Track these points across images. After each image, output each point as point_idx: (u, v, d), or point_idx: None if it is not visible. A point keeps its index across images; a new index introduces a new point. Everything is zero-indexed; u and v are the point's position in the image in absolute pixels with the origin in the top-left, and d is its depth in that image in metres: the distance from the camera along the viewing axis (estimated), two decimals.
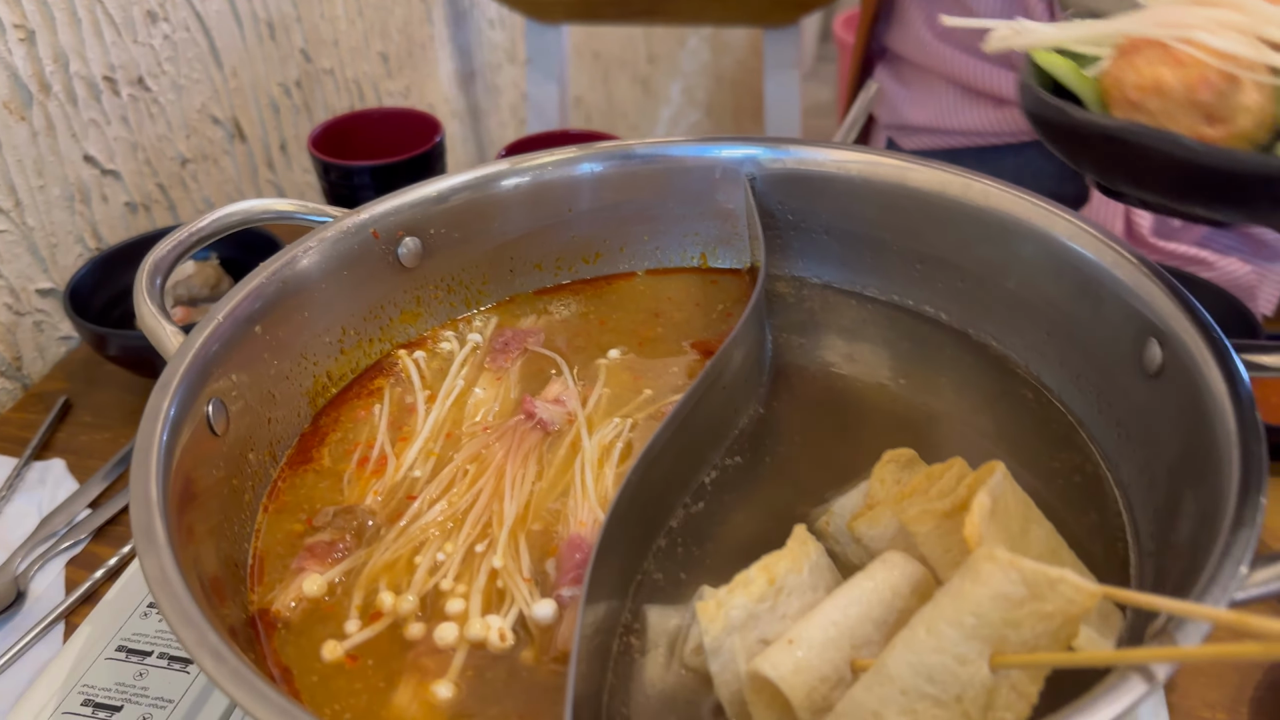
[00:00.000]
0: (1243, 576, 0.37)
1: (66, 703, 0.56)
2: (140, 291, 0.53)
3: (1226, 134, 0.36)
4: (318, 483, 0.55)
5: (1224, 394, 0.45)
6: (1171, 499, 0.47)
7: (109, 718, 0.55)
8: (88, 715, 0.55)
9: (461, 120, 1.71)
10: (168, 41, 1.10)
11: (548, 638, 0.46)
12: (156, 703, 0.56)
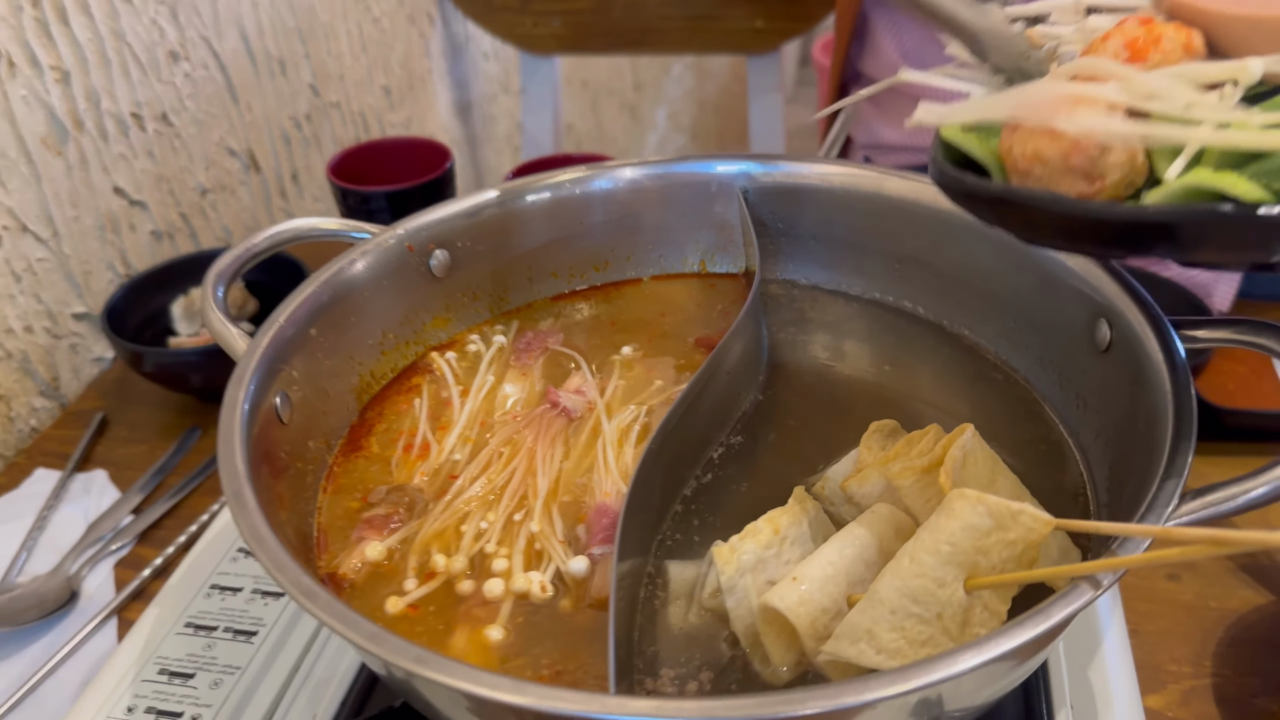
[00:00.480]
0: (1173, 507, 0.44)
1: (144, 671, 0.62)
2: (208, 300, 0.60)
3: (1101, 188, 0.43)
4: (368, 467, 0.62)
5: (1161, 363, 0.52)
6: (1121, 457, 0.55)
7: (184, 683, 0.61)
8: (164, 681, 0.62)
9: (459, 148, 1.79)
10: (188, 79, 1.17)
11: (582, 588, 0.53)
12: (225, 670, 0.62)
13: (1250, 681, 0.66)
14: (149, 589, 0.79)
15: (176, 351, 0.97)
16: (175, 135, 1.16)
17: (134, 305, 1.01)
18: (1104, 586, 0.40)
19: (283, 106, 1.34)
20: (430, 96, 1.67)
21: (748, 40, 1.57)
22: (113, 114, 1.07)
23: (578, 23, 1.59)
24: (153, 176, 1.14)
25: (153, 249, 1.15)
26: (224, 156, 1.24)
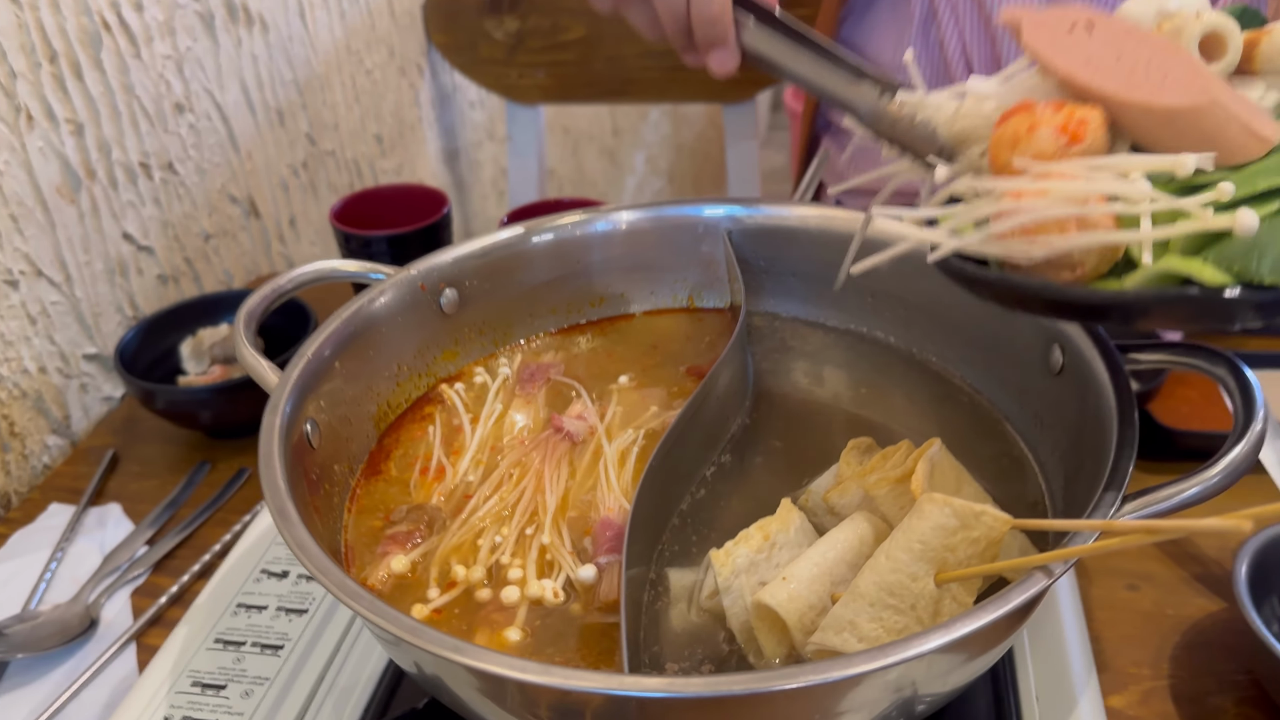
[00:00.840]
0: (1116, 508, 0.50)
1: (179, 684, 0.67)
2: (239, 336, 0.65)
3: (1083, 274, 0.49)
4: (388, 489, 0.67)
5: (1108, 383, 0.58)
6: (1074, 468, 0.61)
7: (216, 694, 0.66)
8: (197, 693, 0.66)
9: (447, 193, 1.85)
10: (192, 130, 1.22)
11: (591, 594, 0.58)
12: (255, 681, 0.66)
13: (1205, 681, 0.71)
14: (166, 614, 0.83)
15: (187, 389, 1.01)
16: (180, 183, 1.21)
17: (144, 346, 1.06)
18: (1055, 575, 0.46)
19: (281, 155, 1.39)
20: (420, 144, 1.73)
21: (724, 90, 1.64)
22: (122, 163, 1.13)
23: (561, 74, 1.66)
24: (159, 223, 1.19)
25: (159, 292, 1.20)
26: (226, 203, 1.30)
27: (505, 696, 0.48)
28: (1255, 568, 0.69)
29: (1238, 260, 0.45)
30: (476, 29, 1.65)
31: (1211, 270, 0.45)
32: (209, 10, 1.23)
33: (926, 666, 0.46)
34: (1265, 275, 0.44)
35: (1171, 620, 0.76)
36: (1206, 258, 0.46)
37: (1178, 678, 0.71)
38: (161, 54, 1.16)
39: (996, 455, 0.68)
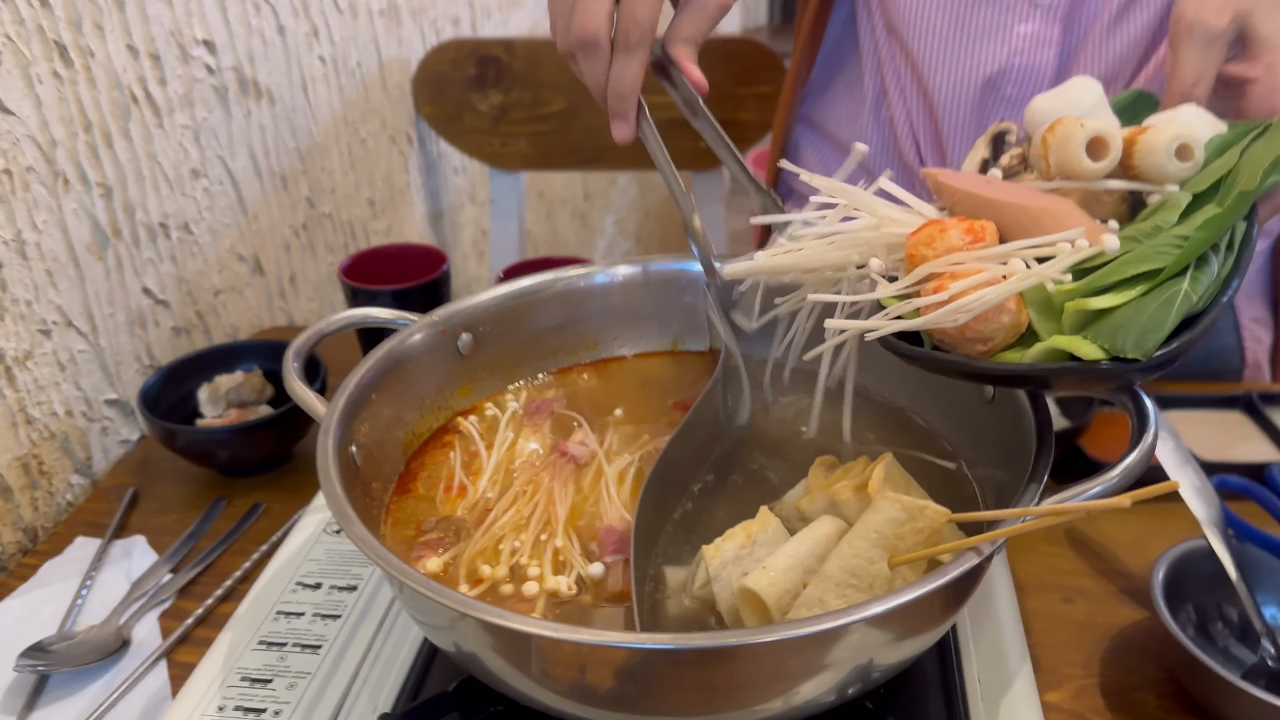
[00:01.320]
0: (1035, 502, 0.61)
1: (229, 679, 0.75)
2: (289, 369, 0.75)
3: (993, 347, 0.62)
4: (418, 505, 0.77)
5: (1029, 408, 0.70)
6: (1004, 480, 0.72)
7: (264, 687, 0.74)
8: (246, 686, 0.75)
9: None
10: (206, 193, 1.33)
11: (600, 587, 0.69)
12: (298, 675, 0.75)
13: (1130, 679, 0.81)
14: (193, 634, 0.90)
15: (207, 429, 1.11)
16: (194, 242, 1.31)
17: (164, 390, 1.14)
18: (984, 554, 0.57)
19: (284, 217, 1.50)
20: (408, 207, 1.85)
21: (693, 158, 1.77)
22: (145, 224, 1.22)
23: (542, 143, 1.79)
24: (174, 279, 1.28)
25: (173, 343, 1.29)
26: (234, 261, 1.40)
27: (531, 664, 0.58)
28: (1170, 580, 0.80)
29: (1107, 337, 0.58)
30: (463, 101, 1.77)
31: (1090, 346, 0.58)
32: (224, 84, 1.34)
33: (879, 632, 0.56)
34: (1129, 350, 0.58)
35: (1101, 627, 0.86)
36: (1086, 335, 0.59)
37: (1106, 676, 0.81)
38: (181, 124, 1.26)
39: (941, 472, 0.79)
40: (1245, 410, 1.13)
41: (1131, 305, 0.59)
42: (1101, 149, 0.66)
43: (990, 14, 1.05)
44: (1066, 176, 0.67)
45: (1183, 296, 0.59)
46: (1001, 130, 0.78)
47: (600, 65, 0.78)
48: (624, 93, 0.78)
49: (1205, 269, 0.61)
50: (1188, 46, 0.74)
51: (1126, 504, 0.52)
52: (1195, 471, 0.86)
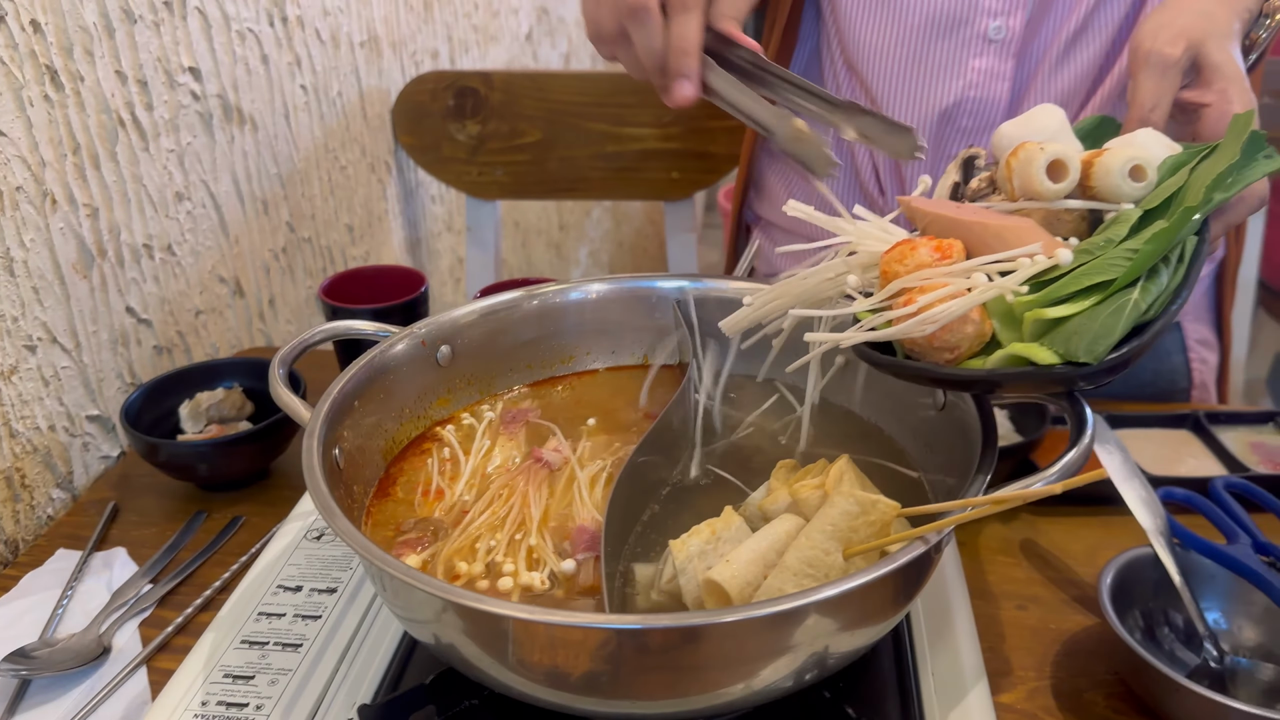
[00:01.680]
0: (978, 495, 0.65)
1: (212, 675, 0.78)
2: (274, 377, 0.78)
3: (959, 355, 0.67)
4: (396, 508, 0.81)
5: (975, 416, 0.75)
6: (954, 485, 0.76)
7: (246, 683, 0.77)
8: (229, 682, 0.77)
9: None
10: (189, 216, 1.36)
11: (571, 582, 0.72)
12: (280, 672, 0.78)
13: (1080, 681, 0.85)
14: (173, 642, 0.92)
15: (188, 443, 1.13)
16: (177, 263, 1.34)
17: (146, 406, 1.17)
18: (930, 543, 0.61)
19: (264, 241, 1.53)
20: (386, 233, 1.88)
21: (665, 189, 1.82)
22: (129, 244, 1.25)
23: (518, 172, 1.83)
24: (157, 299, 1.31)
25: (154, 361, 1.31)
26: (215, 283, 1.43)
27: (508, 650, 0.61)
28: (1117, 586, 0.84)
29: (1062, 344, 0.62)
30: (441, 132, 1.82)
31: (1046, 352, 0.63)
32: (208, 110, 1.37)
33: (833, 617, 0.60)
34: (1081, 355, 0.62)
35: (1053, 633, 0.90)
36: (1043, 342, 0.63)
37: (1058, 679, 0.85)
38: (166, 148, 1.30)
39: (895, 475, 0.84)
40: (1192, 429, 1.18)
41: (1085, 314, 0.64)
42: (1061, 171, 0.71)
43: (945, 50, 1.11)
44: (1029, 197, 0.72)
45: (1132, 305, 0.64)
46: (971, 155, 0.83)
47: (654, 31, 0.81)
48: (688, 48, 0.80)
49: (1156, 280, 0.66)
50: (1145, 74, 0.79)
51: (1059, 490, 0.56)
52: (1142, 483, 0.91)
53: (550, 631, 0.58)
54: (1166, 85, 0.79)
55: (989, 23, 1.08)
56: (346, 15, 1.68)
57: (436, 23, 2.00)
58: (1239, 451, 1.13)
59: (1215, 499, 0.93)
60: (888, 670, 0.79)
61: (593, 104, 1.78)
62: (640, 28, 0.81)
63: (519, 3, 2.40)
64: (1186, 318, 1.29)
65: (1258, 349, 2.61)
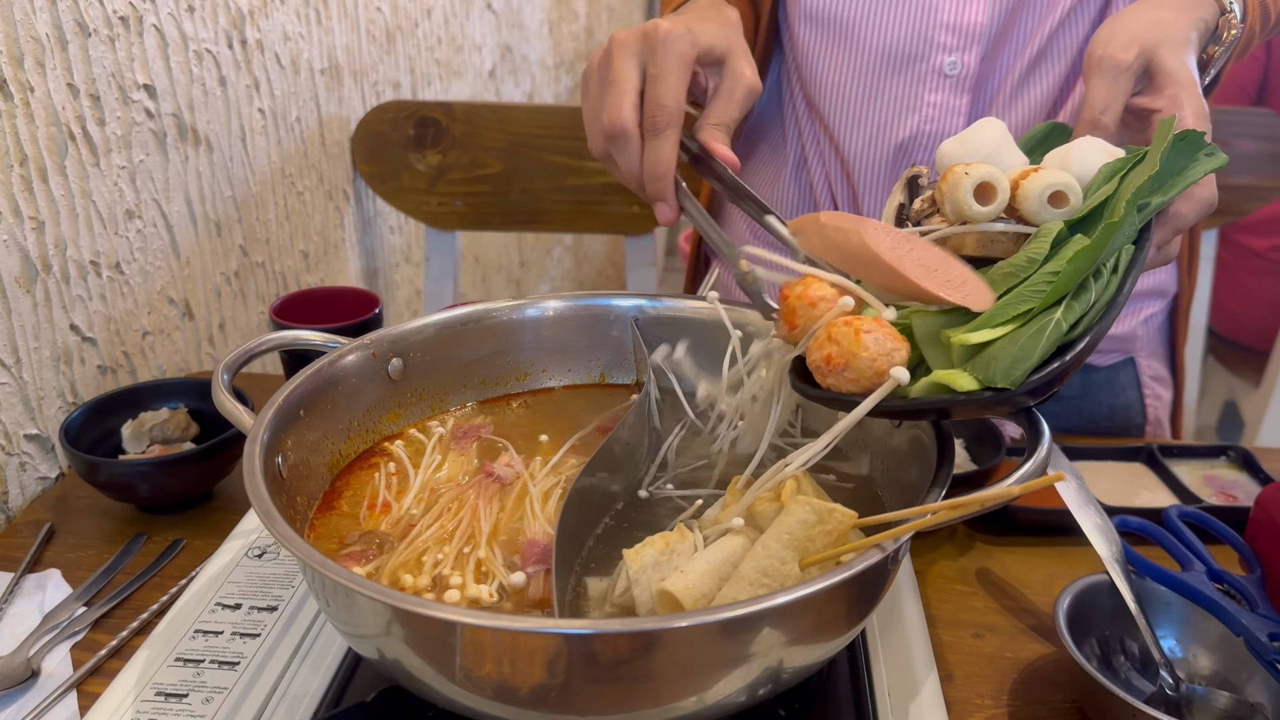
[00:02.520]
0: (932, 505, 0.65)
1: (144, 694, 0.74)
2: (218, 384, 0.76)
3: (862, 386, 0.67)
4: (341, 521, 0.78)
5: (931, 434, 0.74)
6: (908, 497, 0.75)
7: (179, 701, 0.73)
8: (161, 700, 0.74)
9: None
10: (140, 234, 1.33)
11: (521, 595, 0.70)
12: (215, 690, 0.74)
13: (1037, 709, 0.84)
14: (105, 666, 0.89)
15: (129, 461, 1.10)
16: (125, 282, 1.31)
17: (87, 425, 1.13)
18: (887, 550, 0.60)
19: (216, 264, 1.50)
20: (342, 262, 1.86)
21: (625, 223, 1.83)
22: (75, 260, 1.22)
23: (479, 203, 1.83)
24: (103, 317, 1.28)
25: (98, 381, 1.28)
26: (164, 304, 1.40)
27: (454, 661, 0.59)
28: (1074, 614, 0.84)
29: (982, 369, 0.63)
30: (400, 161, 1.81)
31: (966, 378, 0.63)
32: (162, 129, 1.35)
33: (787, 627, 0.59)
34: (999, 380, 0.63)
35: (1010, 661, 0.89)
36: (966, 368, 0.63)
37: (1015, 706, 0.84)
38: (118, 165, 1.28)
39: (854, 491, 0.83)
40: (1146, 462, 1.19)
41: (1006, 338, 0.64)
42: (989, 193, 0.71)
43: (901, 85, 1.12)
44: (961, 220, 0.73)
45: (1054, 326, 0.64)
46: (914, 175, 0.83)
47: (633, 154, 0.82)
48: (659, 174, 0.82)
49: (1083, 296, 0.66)
50: (1098, 78, 0.81)
51: (1016, 492, 0.56)
52: (1097, 511, 0.91)
53: (498, 638, 0.56)
54: (1119, 89, 0.80)
55: (944, 58, 1.09)
56: (308, 42, 1.67)
57: (399, 54, 2.00)
58: (1193, 484, 1.14)
59: (1170, 528, 0.93)
60: (844, 694, 0.77)
61: (554, 137, 1.78)
62: (620, 151, 0.83)
63: (483, 40, 2.41)
64: (1141, 354, 1.30)
65: (1209, 396, 2.65)
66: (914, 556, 1.00)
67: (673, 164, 0.82)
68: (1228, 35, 0.89)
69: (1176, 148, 0.72)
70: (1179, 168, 0.73)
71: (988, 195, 0.71)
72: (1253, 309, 2.36)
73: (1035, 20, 1.08)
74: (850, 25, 1.11)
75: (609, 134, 0.82)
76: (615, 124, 0.81)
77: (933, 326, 0.67)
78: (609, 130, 0.81)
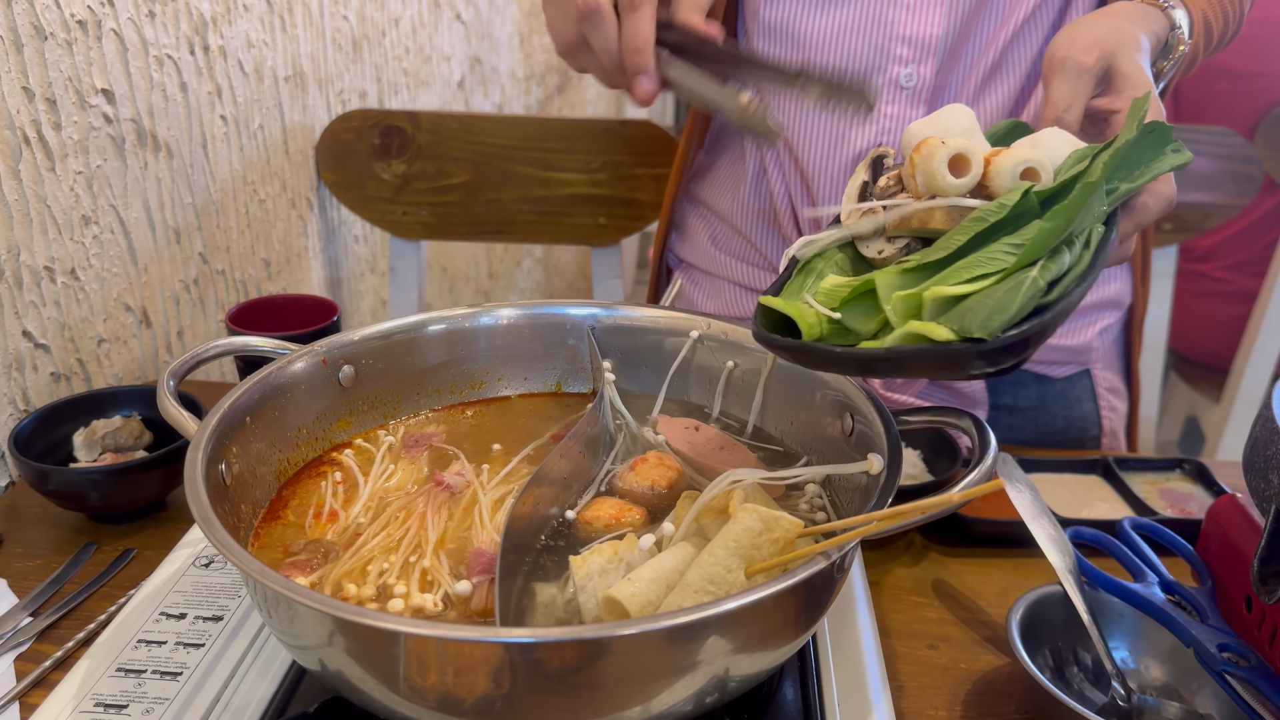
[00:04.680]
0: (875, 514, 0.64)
1: (81, 705, 0.73)
2: (162, 390, 0.75)
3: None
4: (285, 530, 0.77)
5: (883, 437, 0.74)
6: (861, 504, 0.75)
7: (119, 713, 0.72)
8: (100, 712, 0.72)
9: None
10: (96, 240, 1.31)
11: (466, 604, 0.69)
12: (155, 701, 0.73)
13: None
14: (49, 678, 0.87)
15: (79, 470, 1.08)
16: (80, 289, 1.29)
17: (38, 433, 1.12)
18: (832, 557, 0.59)
19: (175, 271, 1.49)
20: (305, 271, 1.85)
21: (592, 234, 1.83)
22: (29, 265, 1.21)
23: (444, 213, 1.82)
24: (57, 324, 1.26)
25: (51, 389, 1.26)
26: (121, 311, 1.38)
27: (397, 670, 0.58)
28: (1027, 625, 0.84)
29: (957, 320, 0.61)
30: (365, 170, 1.80)
31: (942, 330, 0.61)
32: (121, 135, 1.34)
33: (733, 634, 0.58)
34: (976, 330, 0.61)
35: (964, 673, 0.89)
36: (941, 320, 0.62)
37: (968, 718, 0.84)
38: (74, 170, 1.26)
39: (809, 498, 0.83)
40: (1102, 474, 1.19)
41: (983, 291, 0.62)
42: (964, 165, 0.71)
43: None
44: (932, 193, 0.72)
45: (1030, 282, 0.62)
46: (880, 155, 0.83)
47: (608, 30, 0.82)
48: (639, 45, 0.82)
49: (1058, 260, 0.65)
50: (1060, 78, 0.82)
51: (956, 500, 0.56)
52: (1051, 522, 0.91)
53: (440, 647, 0.55)
54: (1080, 89, 0.81)
55: (900, 70, 1.10)
56: (272, 49, 1.66)
57: (365, 63, 1.99)
58: (1147, 497, 1.14)
59: (1124, 539, 0.93)
60: (793, 705, 0.76)
61: (521, 148, 1.78)
62: (595, 30, 0.83)
63: (451, 50, 2.41)
64: (1096, 366, 1.31)
65: (1171, 412, 2.67)
66: (869, 568, 1.00)
67: (651, 34, 0.82)
68: (1176, 52, 0.90)
69: (1145, 140, 0.72)
70: (1147, 159, 0.72)
71: (961, 168, 0.71)
72: (1210, 331, 2.40)
73: (990, 32, 1.09)
74: (806, 38, 1.12)
75: (584, 12, 0.81)
76: (590, 3, 0.81)
77: (898, 285, 0.66)
78: (584, 8, 0.81)
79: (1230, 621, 0.84)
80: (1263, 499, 0.75)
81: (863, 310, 0.68)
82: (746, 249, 1.29)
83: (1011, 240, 0.65)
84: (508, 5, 2.77)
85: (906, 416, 0.77)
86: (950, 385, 1.27)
